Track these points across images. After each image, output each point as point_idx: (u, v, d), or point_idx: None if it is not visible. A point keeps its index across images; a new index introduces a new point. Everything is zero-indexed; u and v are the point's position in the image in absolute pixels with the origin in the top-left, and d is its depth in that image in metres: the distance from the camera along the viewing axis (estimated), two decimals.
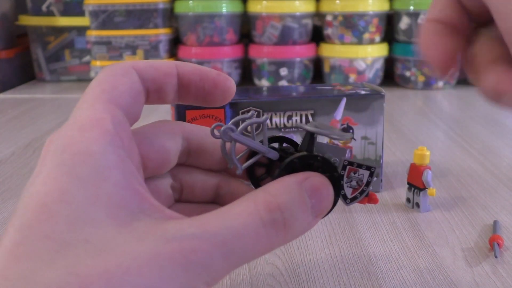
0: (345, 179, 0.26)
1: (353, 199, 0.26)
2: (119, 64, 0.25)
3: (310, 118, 0.47)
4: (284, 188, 0.23)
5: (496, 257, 0.38)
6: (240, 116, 0.26)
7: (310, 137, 0.26)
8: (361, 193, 0.26)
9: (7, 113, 0.89)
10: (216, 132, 0.25)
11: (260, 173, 0.28)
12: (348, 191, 0.26)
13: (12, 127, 0.79)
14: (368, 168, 0.26)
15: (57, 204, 0.19)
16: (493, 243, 0.39)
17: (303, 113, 0.47)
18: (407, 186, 0.47)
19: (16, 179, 0.57)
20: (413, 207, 0.47)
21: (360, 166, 0.26)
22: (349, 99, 0.48)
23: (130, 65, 0.25)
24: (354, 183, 0.26)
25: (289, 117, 0.47)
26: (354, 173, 0.26)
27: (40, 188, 0.20)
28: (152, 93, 0.25)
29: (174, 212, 0.22)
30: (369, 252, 0.40)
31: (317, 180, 0.24)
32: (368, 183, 0.26)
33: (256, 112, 0.27)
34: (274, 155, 0.26)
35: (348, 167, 0.26)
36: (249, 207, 0.22)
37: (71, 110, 0.23)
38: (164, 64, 0.26)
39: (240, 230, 0.21)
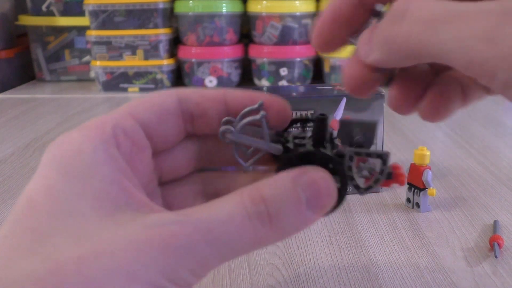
0: (354, 169, 0.24)
1: (367, 189, 0.25)
2: (167, 90, 0.26)
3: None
4: (273, 182, 0.22)
5: (496, 257, 0.38)
6: (243, 112, 0.25)
7: (320, 123, 0.25)
8: (376, 181, 0.24)
9: (7, 113, 0.88)
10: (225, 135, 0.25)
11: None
12: (360, 181, 0.24)
13: (12, 127, 0.79)
14: (380, 156, 0.24)
15: (42, 198, 0.20)
16: (493, 243, 0.39)
17: (303, 113, 0.47)
18: (407, 186, 0.47)
19: (16, 179, 0.57)
20: (413, 207, 0.47)
21: (369, 155, 0.24)
22: (349, 99, 0.48)
23: (174, 90, 0.26)
24: (365, 172, 0.24)
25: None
26: (364, 163, 0.24)
27: (31, 185, 0.21)
28: (198, 118, 0.26)
29: (164, 209, 0.22)
30: (369, 252, 0.40)
31: (315, 174, 0.23)
32: (382, 172, 0.24)
33: (258, 105, 0.26)
34: (277, 150, 0.25)
35: (355, 157, 0.24)
36: (235, 198, 0.22)
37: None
38: (211, 91, 0.26)
39: (225, 219, 0.21)
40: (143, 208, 0.21)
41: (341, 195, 0.24)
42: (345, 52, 0.27)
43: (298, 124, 0.28)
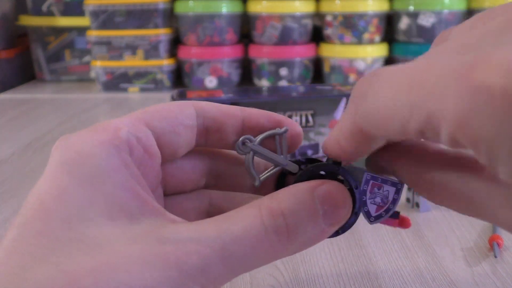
0: (368, 194, 0.24)
1: (377, 217, 0.25)
2: (184, 101, 0.25)
3: (310, 119, 0.47)
4: (291, 194, 0.22)
5: (495, 257, 0.38)
6: (264, 134, 0.25)
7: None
8: (387, 211, 0.24)
9: (7, 113, 0.89)
10: (240, 147, 0.25)
11: None
12: (372, 208, 0.24)
13: (12, 127, 0.79)
14: (394, 184, 0.24)
15: (54, 202, 0.20)
16: (493, 243, 0.39)
17: (303, 113, 0.48)
18: (407, 186, 0.47)
19: (16, 179, 0.57)
20: (413, 207, 0.47)
21: (384, 182, 0.24)
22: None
23: (192, 102, 0.25)
24: (378, 199, 0.24)
25: (289, 117, 0.47)
26: (378, 189, 0.24)
27: (40, 185, 0.20)
28: (213, 133, 0.25)
29: (177, 217, 0.22)
30: (369, 251, 0.40)
31: (332, 187, 0.23)
32: (394, 201, 0.24)
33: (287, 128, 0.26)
34: (293, 167, 0.25)
35: (371, 181, 0.24)
36: (252, 212, 0.21)
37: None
38: (229, 107, 0.26)
39: (240, 235, 0.20)
40: (157, 216, 0.21)
41: (355, 214, 0.24)
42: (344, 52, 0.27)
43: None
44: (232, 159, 0.27)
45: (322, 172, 0.24)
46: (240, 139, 0.24)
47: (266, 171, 0.26)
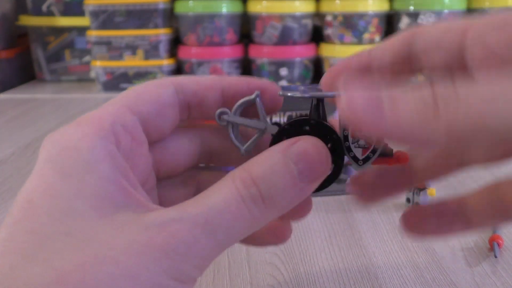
0: (350, 139, 0.23)
1: (365, 160, 0.24)
2: (161, 78, 0.25)
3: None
4: (263, 159, 0.22)
5: (496, 257, 0.38)
6: (239, 102, 0.25)
7: (316, 104, 0.24)
8: (373, 152, 0.24)
9: (7, 113, 0.89)
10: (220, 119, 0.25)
11: None
12: (358, 152, 0.24)
13: (12, 127, 0.79)
14: None
15: (41, 199, 0.20)
16: (493, 243, 0.39)
17: (303, 113, 0.47)
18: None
19: (16, 179, 0.57)
20: None
21: None
22: None
23: (169, 80, 0.25)
24: (362, 142, 0.23)
25: (289, 117, 0.47)
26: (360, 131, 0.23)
27: (28, 184, 0.21)
28: (194, 107, 0.25)
29: (161, 207, 0.22)
30: (369, 252, 0.40)
31: (305, 143, 0.22)
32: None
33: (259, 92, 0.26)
34: (273, 129, 0.25)
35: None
36: (228, 184, 0.21)
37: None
38: (207, 78, 0.26)
39: (221, 207, 0.20)
40: (141, 208, 0.21)
41: (337, 165, 0.24)
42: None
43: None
44: (220, 132, 0.27)
45: (306, 128, 0.24)
46: (217, 112, 0.24)
47: (251, 139, 0.26)
